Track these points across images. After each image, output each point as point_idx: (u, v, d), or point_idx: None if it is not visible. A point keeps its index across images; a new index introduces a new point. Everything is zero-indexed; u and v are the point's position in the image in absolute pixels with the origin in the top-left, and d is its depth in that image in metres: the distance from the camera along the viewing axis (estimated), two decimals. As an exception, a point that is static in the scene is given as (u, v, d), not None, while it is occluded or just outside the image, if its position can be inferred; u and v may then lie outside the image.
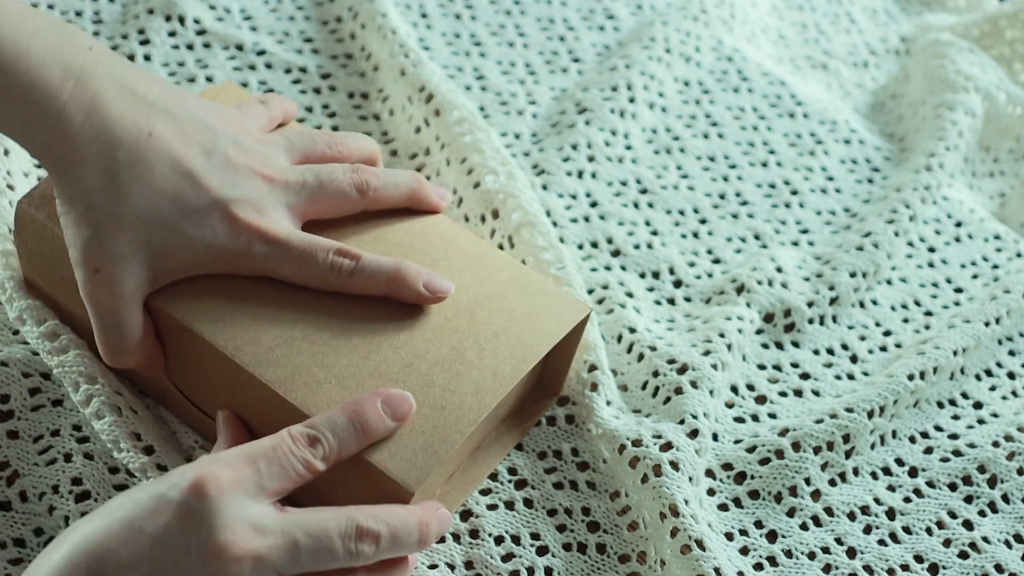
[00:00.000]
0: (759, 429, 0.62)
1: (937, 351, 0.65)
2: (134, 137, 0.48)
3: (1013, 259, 0.75)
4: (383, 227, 0.56)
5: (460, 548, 0.54)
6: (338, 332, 0.51)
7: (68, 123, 0.46)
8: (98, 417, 0.52)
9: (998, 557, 0.59)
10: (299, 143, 0.55)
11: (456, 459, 0.55)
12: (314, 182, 0.53)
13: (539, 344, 0.54)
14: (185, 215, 0.49)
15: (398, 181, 0.56)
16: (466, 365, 0.51)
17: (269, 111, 0.57)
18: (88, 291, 0.49)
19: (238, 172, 0.50)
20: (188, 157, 0.49)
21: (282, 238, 0.50)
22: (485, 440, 0.58)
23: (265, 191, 0.51)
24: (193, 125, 0.50)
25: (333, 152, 0.55)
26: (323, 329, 0.51)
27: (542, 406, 0.60)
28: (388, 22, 0.76)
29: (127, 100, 0.48)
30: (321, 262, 0.51)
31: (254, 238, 0.50)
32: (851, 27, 0.92)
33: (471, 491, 0.56)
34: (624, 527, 0.57)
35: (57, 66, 0.46)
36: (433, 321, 0.53)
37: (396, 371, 0.50)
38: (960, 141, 0.79)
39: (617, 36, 0.83)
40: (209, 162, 0.50)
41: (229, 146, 0.51)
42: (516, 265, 0.57)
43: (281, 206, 0.52)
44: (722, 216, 0.73)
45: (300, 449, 0.45)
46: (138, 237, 0.48)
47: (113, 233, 0.48)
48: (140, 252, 0.48)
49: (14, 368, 0.55)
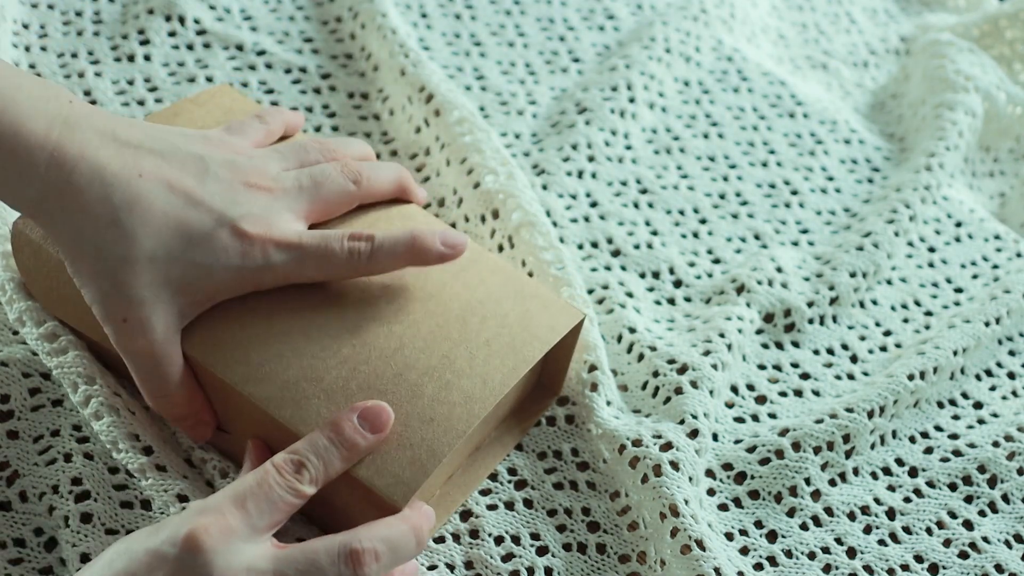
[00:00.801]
0: (759, 429, 0.62)
1: (937, 351, 0.65)
2: (125, 180, 0.47)
3: (1013, 259, 0.75)
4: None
5: (460, 548, 0.54)
6: (328, 343, 0.51)
7: (58, 173, 0.46)
8: (97, 418, 0.52)
9: (998, 557, 0.59)
10: (290, 152, 0.55)
11: (453, 462, 0.55)
12: (310, 183, 0.53)
13: (531, 351, 0.53)
14: (196, 244, 0.49)
15: (386, 171, 0.57)
16: (456, 374, 0.51)
17: (266, 125, 0.57)
18: (121, 342, 0.49)
19: (235, 190, 0.50)
20: (184, 186, 0.49)
21: (295, 241, 0.51)
22: (485, 441, 0.58)
23: (266, 202, 0.51)
24: (180, 157, 0.50)
25: (326, 157, 0.56)
26: (313, 341, 0.51)
27: (542, 406, 0.60)
28: (388, 22, 0.76)
29: (111, 147, 0.48)
30: (339, 252, 0.51)
31: (269, 249, 0.50)
32: (851, 27, 0.92)
33: (471, 492, 0.56)
34: (624, 527, 0.57)
35: (42, 118, 0.46)
36: (424, 328, 0.52)
37: (385, 383, 0.50)
38: (960, 141, 0.79)
39: (617, 36, 0.83)
40: (205, 187, 0.50)
41: (221, 168, 0.51)
42: (509, 269, 0.57)
43: (285, 212, 0.52)
44: (722, 216, 0.73)
45: (286, 478, 0.45)
46: (156, 277, 0.48)
47: (130, 279, 0.48)
48: (162, 291, 0.48)
49: (14, 368, 0.55)
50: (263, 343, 0.50)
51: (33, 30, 0.74)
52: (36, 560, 0.50)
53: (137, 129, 0.50)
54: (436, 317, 0.53)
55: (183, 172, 0.49)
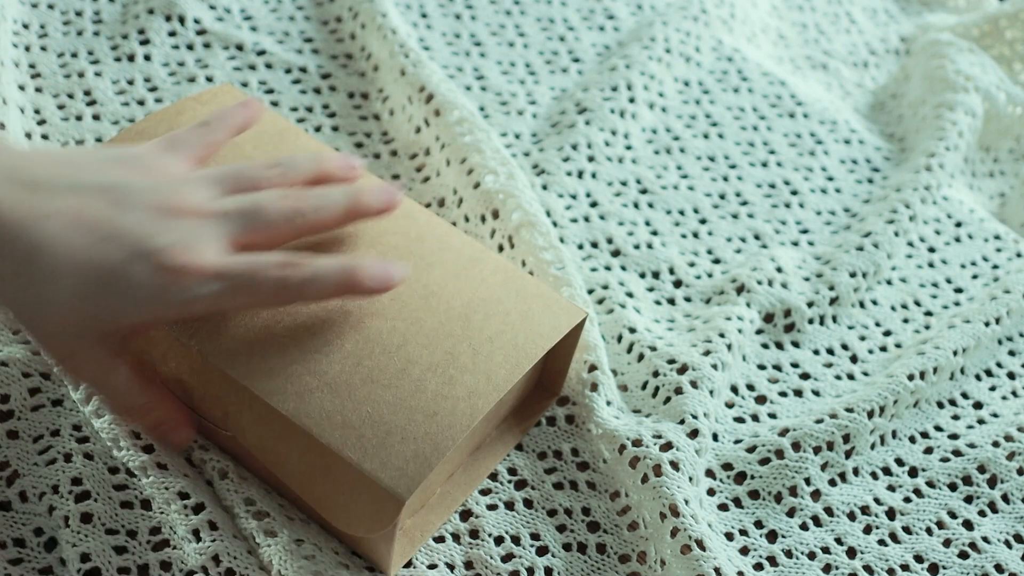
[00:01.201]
0: (759, 429, 0.62)
1: (937, 351, 0.65)
2: (31, 224, 0.44)
3: (1013, 259, 0.75)
4: (379, 232, 0.56)
5: (460, 548, 0.54)
6: (331, 338, 0.51)
7: None
8: (97, 416, 0.52)
9: (998, 557, 0.59)
10: (228, 174, 0.51)
11: (454, 460, 0.55)
12: (246, 210, 0.49)
13: (534, 348, 0.53)
14: (110, 283, 0.45)
15: (330, 201, 0.52)
16: (460, 370, 0.51)
17: (211, 135, 0.53)
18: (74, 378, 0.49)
19: (155, 218, 0.46)
20: (95, 221, 0.45)
21: (221, 269, 0.46)
22: (485, 440, 0.58)
23: (191, 227, 0.47)
24: (95, 191, 0.46)
25: (269, 176, 0.52)
26: (316, 336, 0.51)
27: (542, 406, 0.60)
28: (388, 22, 0.76)
29: (15, 191, 0.44)
30: (267, 283, 0.47)
31: (192, 279, 0.46)
32: (851, 27, 0.92)
33: (471, 491, 0.56)
34: (624, 527, 0.57)
35: None
36: (428, 326, 0.52)
37: (389, 377, 0.50)
38: (960, 141, 0.79)
39: (617, 36, 0.83)
40: (124, 218, 0.46)
41: (140, 194, 0.47)
42: (512, 268, 0.57)
43: (215, 240, 0.47)
44: (722, 216, 0.73)
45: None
46: (83, 319, 0.45)
47: (59, 327, 0.45)
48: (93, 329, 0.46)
49: (14, 368, 0.55)
50: (267, 337, 0.50)
51: (33, 30, 0.74)
52: (36, 560, 0.50)
53: (45, 165, 0.46)
54: (439, 314, 0.53)
55: (96, 205, 0.45)
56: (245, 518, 0.51)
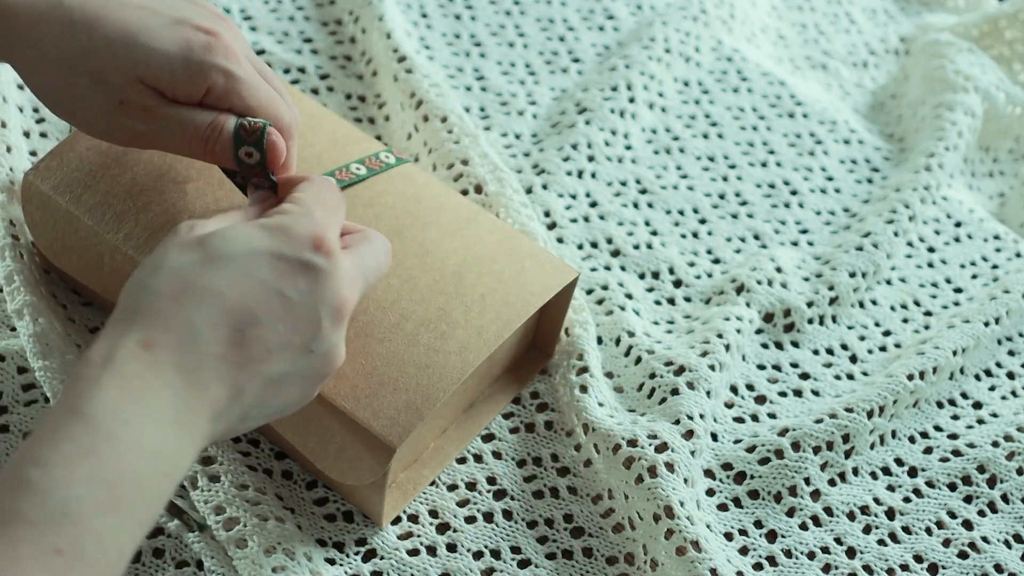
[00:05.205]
0: (759, 429, 0.62)
1: (937, 351, 0.65)
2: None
3: (1013, 259, 0.75)
4: (378, 191, 0.57)
5: (437, 561, 0.54)
6: None
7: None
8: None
9: (997, 557, 0.59)
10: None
11: (446, 415, 0.56)
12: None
13: (525, 306, 0.55)
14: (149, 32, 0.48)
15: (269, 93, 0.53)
16: (452, 325, 0.53)
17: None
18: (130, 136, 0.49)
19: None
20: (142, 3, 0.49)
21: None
22: (479, 398, 0.59)
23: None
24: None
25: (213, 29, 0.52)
26: None
27: (535, 367, 0.61)
28: (385, 25, 0.76)
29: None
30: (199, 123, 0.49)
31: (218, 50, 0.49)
32: (851, 27, 0.92)
33: (463, 446, 0.58)
34: (609, 529, 0.57)
35: None
36: (421, 282, 0.54)
37: (383, 332, 0.52)
38: (960, 141, 0.79)
39: (617, 36, 0.83)
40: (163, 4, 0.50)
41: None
42: (506, 228, 0.58)
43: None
44: (722, 216, 0.73)
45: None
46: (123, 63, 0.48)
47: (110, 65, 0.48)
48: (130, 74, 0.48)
49: (9, 363, 0.55)
50: None
51: (33, 30, 0.74)
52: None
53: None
54: (433, 272, 0.54)
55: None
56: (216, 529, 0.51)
